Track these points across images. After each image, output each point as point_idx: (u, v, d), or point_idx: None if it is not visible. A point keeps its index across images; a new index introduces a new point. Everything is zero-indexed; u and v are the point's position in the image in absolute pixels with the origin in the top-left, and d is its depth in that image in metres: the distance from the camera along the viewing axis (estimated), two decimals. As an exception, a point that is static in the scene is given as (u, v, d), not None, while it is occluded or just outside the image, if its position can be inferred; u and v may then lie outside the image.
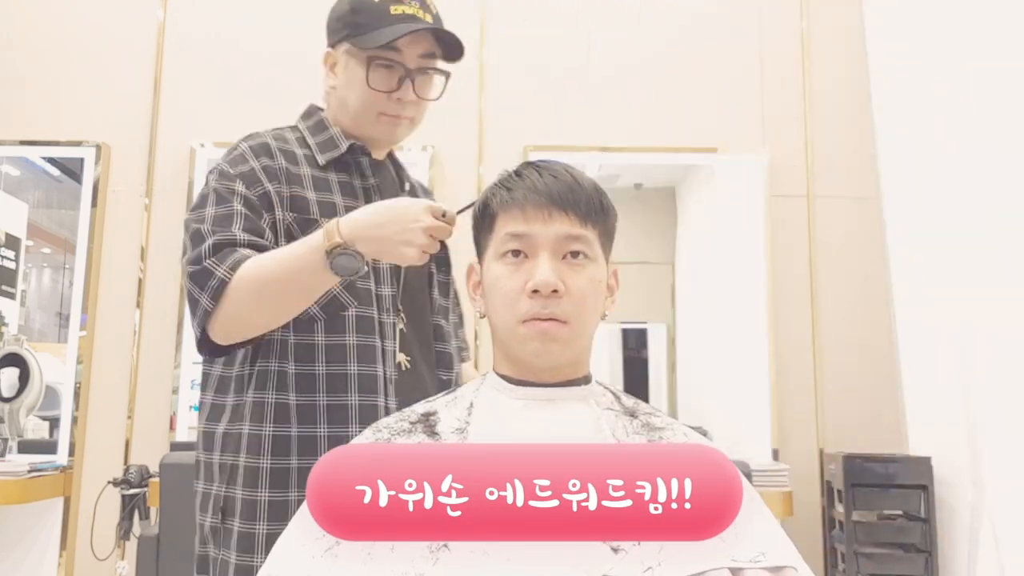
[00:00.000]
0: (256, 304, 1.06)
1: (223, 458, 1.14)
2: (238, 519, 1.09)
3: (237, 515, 1.10)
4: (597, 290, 0.94)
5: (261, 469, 1.09)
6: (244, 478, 1.10)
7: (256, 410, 1.12)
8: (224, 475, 1.13)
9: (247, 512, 1.09)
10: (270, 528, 1.07)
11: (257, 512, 1.08)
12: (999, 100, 2.25)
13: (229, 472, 1.12)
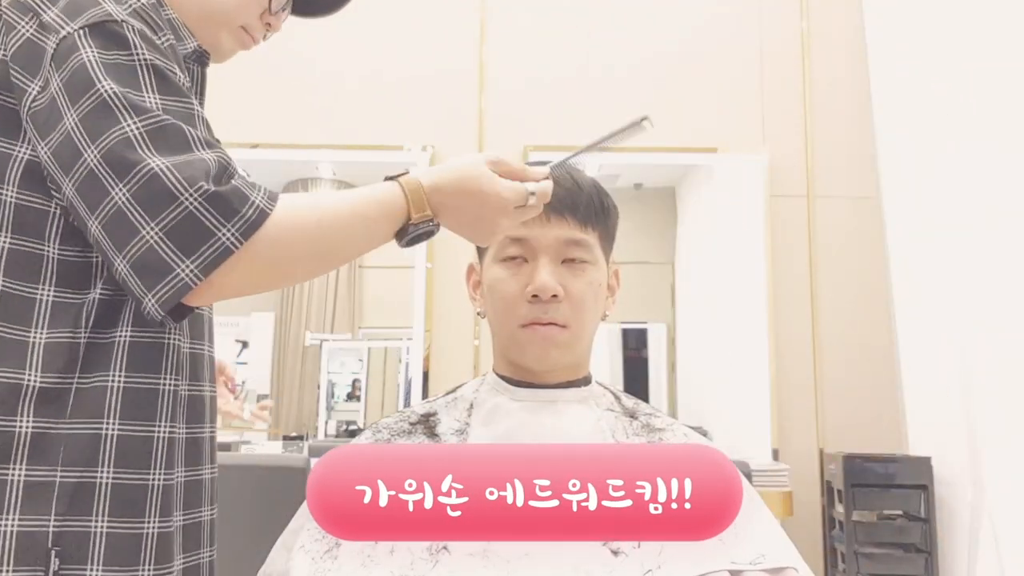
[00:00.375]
0: (303, 252, 0.78)
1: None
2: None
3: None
4: (597, 293, 0.94)
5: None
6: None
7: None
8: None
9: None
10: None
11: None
12: (999, 100, 2.24)
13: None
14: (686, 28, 2.91)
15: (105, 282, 0.77)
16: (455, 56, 2.85)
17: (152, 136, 0.73)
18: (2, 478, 0.72)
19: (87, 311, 0.76)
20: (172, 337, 0.80)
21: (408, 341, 2.79)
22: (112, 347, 0.77)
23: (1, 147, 0.77)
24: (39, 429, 0.74)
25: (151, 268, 0.71)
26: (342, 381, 3.06)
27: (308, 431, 2.95)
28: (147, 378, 0.78)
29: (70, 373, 0.75)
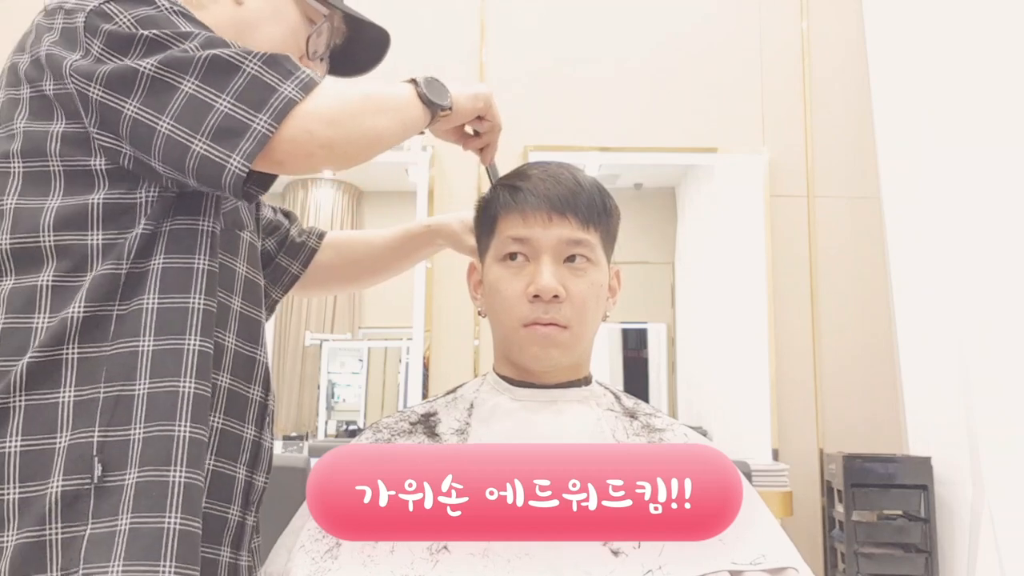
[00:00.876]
0: (360, 103, 0.86)
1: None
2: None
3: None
4: (598, 293, 0.94)
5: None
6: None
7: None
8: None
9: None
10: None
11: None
12: (999, 100, 2.24)
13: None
14: (686, 28, 2.91)
15: (148, 218, 0.84)
16: (455, 56, 2.85)
17: (203, 43, 0.81)
18: (53, 400, 0.79)
19: (129, 246, 0.82)
20: (201, 261, 0.85)
21: (408, 341, 2.79)
22: (147, 275, 0.83)
23: (39, 127, 0.84)
24: (84, 355, 0.80)
25: (231, 131, 0.78)
26: (342, 381, 3.07)
27: (308, 431, 2.95)
28: (178, 298, 0.83)
29: (111, 301, 0.82)
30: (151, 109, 0.79)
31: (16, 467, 0.77)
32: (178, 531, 0.77)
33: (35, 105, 0.85)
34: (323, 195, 3.13)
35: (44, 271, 0.82)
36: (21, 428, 0.78)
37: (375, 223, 3.12)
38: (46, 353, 0.79)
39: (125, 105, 0.80)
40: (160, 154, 0.80)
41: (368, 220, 3.13)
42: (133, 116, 0.80)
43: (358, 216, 3.12)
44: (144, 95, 0.79)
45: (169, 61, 0.79)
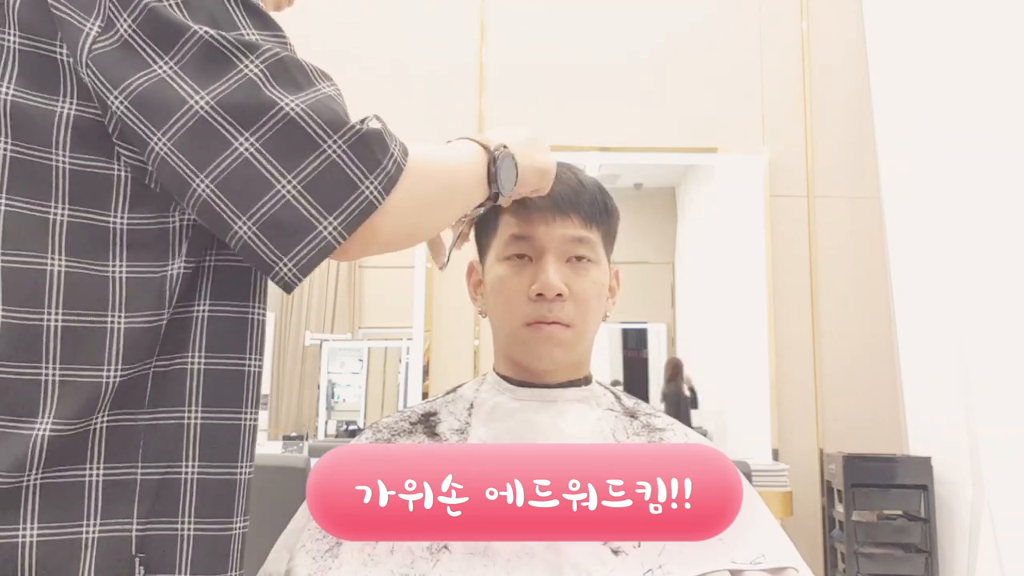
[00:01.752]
0: (434, 196, 0.72)
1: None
2: None
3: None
4: (600, 293, 0.94)
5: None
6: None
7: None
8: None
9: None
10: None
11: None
12: (999, 100, 2.24)
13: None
14: (686, 28, 2.91)
15: (188, 253, 0.65)
16: (455, 56, 2.85)
17: (275, 72, 0.63)
18: (79, 480, 0.62)
19: (170, 286, 0.65)
20: (255, 311, 0.70)
21: (408, 341, 2.79)
22: (190, 323, 0.66)
23: (41, 104, 0.63)
24: (114, 423, 0.64)
25: (288, 227, 0.61)
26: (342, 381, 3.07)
27: (308, 431, 2.95)
28: (230, 358, 0.68)
29: (148, 358, 0.64)
30: (187, 158, 0.61)
31: (33, 563, 0.60)
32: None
33: (32, 64, 0.63)
34: (323, 195, 3.13)
35: (52, 308, 0.61)
36: (38, 514, 0.60)
37: (375, 223, 3.12)
38: (71, 425, 0.61)
39: (153, 138, 0.61)
40: (196, 212, 0.63)
41: (368, 220, 3.13)
42: (162, 156, 0.61)
43: (358, 216, 3.12)
44: (182, 137, 0.61)
45: (226, 103, 0.61)
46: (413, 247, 0.81)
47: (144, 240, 0.64)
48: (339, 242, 0.63)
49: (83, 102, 0.63)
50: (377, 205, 0.64)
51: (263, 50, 0.63)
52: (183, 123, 0.61)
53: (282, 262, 0.62)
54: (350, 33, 2.79)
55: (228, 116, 0.61)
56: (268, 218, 0.61)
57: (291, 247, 0.61)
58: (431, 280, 2.75)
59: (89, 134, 0.63)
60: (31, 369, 0.60)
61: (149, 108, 0.61)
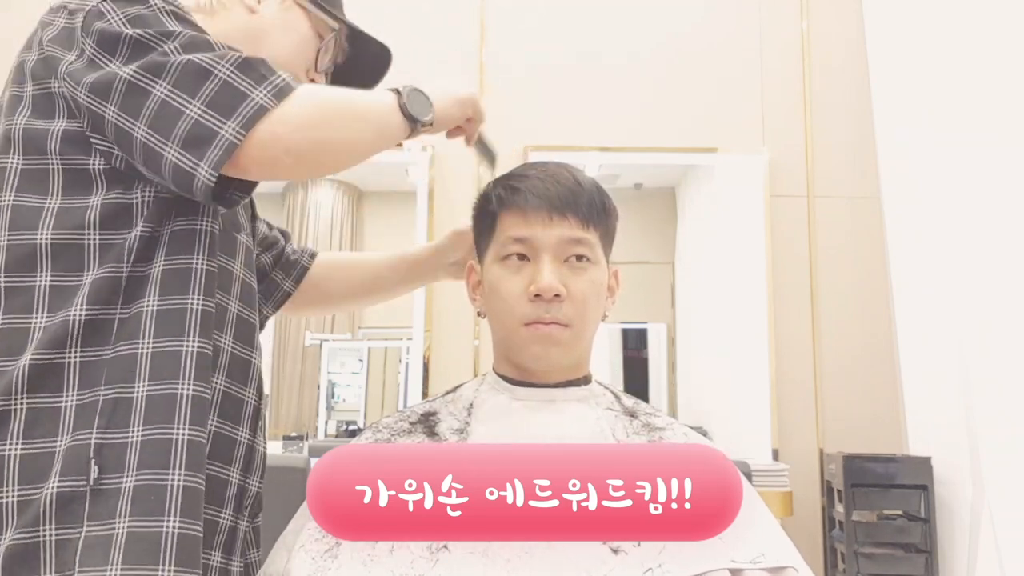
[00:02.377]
0: (327, 114, 0.85)
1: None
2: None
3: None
4: (599, 293, 0.94)
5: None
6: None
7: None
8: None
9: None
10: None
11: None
12: (999, 100, 2.24)
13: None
14: (686, 28, 2.91)
15: (146, 220, 0.83)
16: (455, 57, 2.85)
17: (184, 45, 0.81)
18: (56, 404, 0.79)
19: (128, 248, 0.82)
20: (199, 262, 0.84)
21: (408, 341, 2.79)
22: (148, 278, 0.82)
23: (40, 124, 0.84)
24: (86, 358, 0.80)
25: (199, 138, 0.78)
26: (342, 381, 3.07)
27: (308, 431, 2.95)
28: (177, 299, 0.83)
29: (112, 305, 0.81)
30: (127, 114, 0.80)
31: (16, 470, 0.77)
32: (177, 535, 0.76)
33: (39, 102, 0.84)
34: (323, 195, 3.13)
35: (42, 272, 0.81)
36: (22, 432, 0.78)
37: (375, 223, 3.12)
38: (48, 356, 0.79)
39: (106, 110, 0.80)
40: (140, 159, 0.81)
41: (368, 220, 3.13)
42: (113, 122, 0.80)
43: (358, 216, 3.12)
44: (121, 100, 0.80)
45: (145, 66, 0.80)
46: (335, 170, 0.91)
47: (114, 213, 0.83)
48: (239, 140, 0.78)
49: (70, 120, 0.84)
50: (268, 108, 0.79)
51: (177, 33, 0.82)
52: (119, 91, 0.80)
53: (200, 168, 0.78)
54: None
55: (147, 73, 0.80)
56: (185, 137, 0.78)
57: (204, 153, 0.78)
58: (431, 280, 2.75)
59: (74, 138, 0.83)
60: (24, 318, 0.80)
61: (99, 90, 0.81)
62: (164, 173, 0.79)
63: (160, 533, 0.75)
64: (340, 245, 3.09)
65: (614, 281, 0.99)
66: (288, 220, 3.05)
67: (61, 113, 0.84)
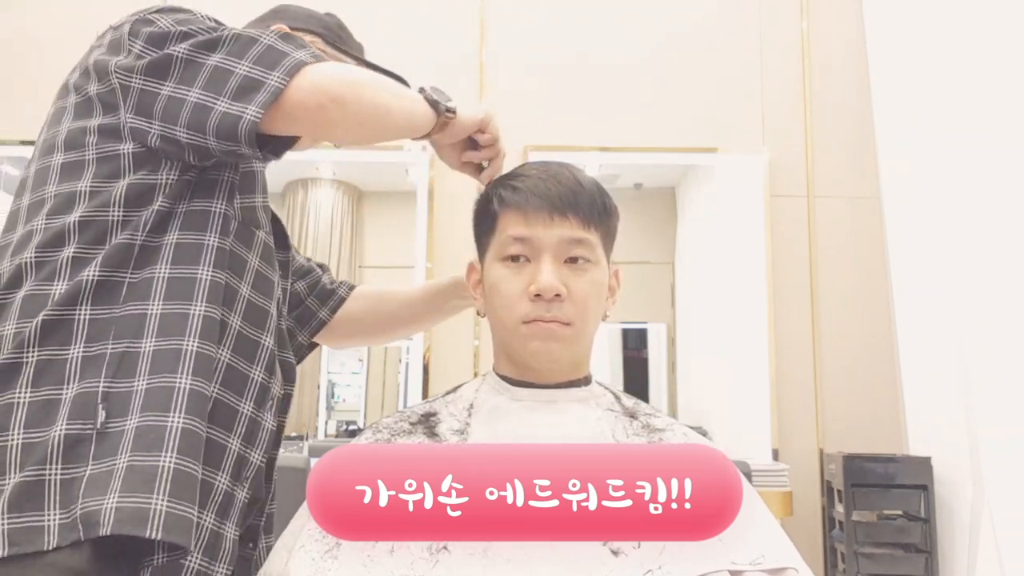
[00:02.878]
0: (358, 80, 0.93)
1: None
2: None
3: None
4: (599, 293, 0.94)
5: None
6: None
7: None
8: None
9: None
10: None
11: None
12: (999, 100, 2.24)
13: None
14: (686, 28, 2.91)
15: (166, 197, 0.90)
16: (455, 57, 2.85)
17: (230, 31, 0.91)
18: (63, 356, 0.84)
19: (144, 220, 0.89)
20: (209, 239, 0.91)
21: (408, 341, 2.78)
22: (160, 249, 0.89)
23: (79, 124, 0.93)
24: (95, 315, 0.86)
25: (248, 88, 0.86)
26: (342, 381, 3.06)
27: (308, 431, 2.95)
28: (188, 269, 0.89)
29: (124, 269, 0.88)
30: (183, 85, 0.88)
31: (23, 416, 0.81)
32: (173, 468, 0.79)
33: (79, 108, 0.93)
34: (323, 195, 3.13)
35: (69, 245, 0.87)
36: (31, 381, 0.82)
37: (375, 223, 3.12)
38: (59, 312, 0.84)
39: (163, 87, 0.88)
40: (186, 120, 0.87)
41: (368, 220, 3.13)
42: (168, 95, 0.88)
43: (358, 216, 3.12)
44: (179, 75, 0.88)
45: (199, 43, 0.89)
46: (372, 134, 0.97)
47: (138, 192, 0.90)
48: (283, 84, 0.86)
49: (107, 115, 0.92)
50: (307, 62, 0.88)
51: (224, 27, 0.92)
52: (177, 68, 0.89)
53: (247, 109, 0.85)
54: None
55: (202, 49, 0.89)
56: (235, 90, 0.87)
57: (252, 98, 0.86)
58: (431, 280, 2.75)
59: (107, 131, 0.91)
60: (47, 284, 0.86)
61: (156, 71, 0.89)
62: (209, 126, 0.86)
63: (157, 467, 0.79)
64: (340, 245, 3.08)
65: (615, 281, 0.99)
66: (288, 220, 3.05)
67: (97, 111, 0.92)
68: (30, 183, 0.94)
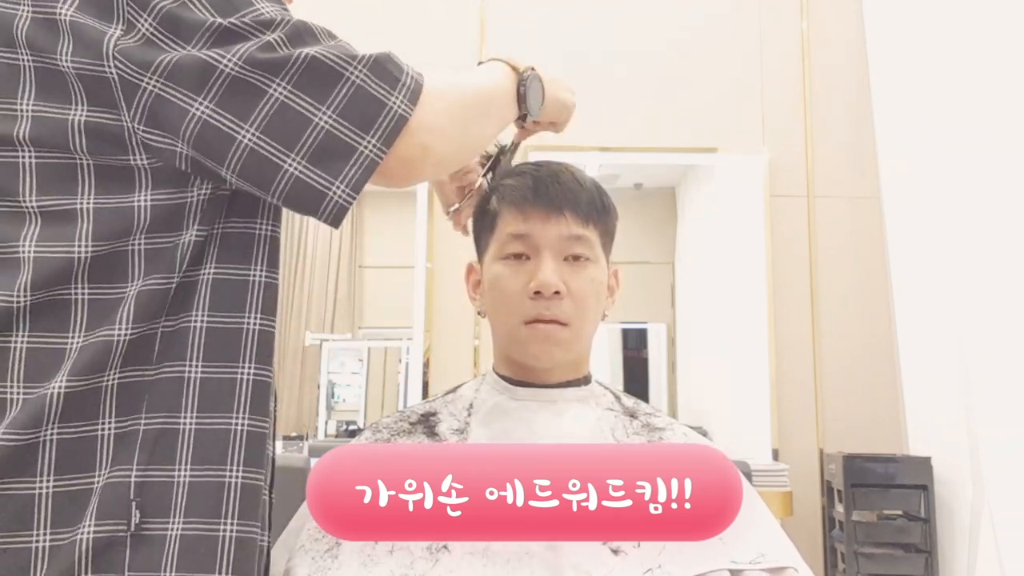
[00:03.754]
0: (461, 115, 0.78)
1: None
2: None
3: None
4: (598, 291, 0.94)
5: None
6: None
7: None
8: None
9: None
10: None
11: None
12: (999, 100, 2.24)
13: None
14: (686, 28, 2.91)
15: (200, 222, 0.71)
16: (455, 57, 2.85)
17: (291, 36, 0.69)
18: (92, 434, 0.67)
19: (181, 255, 0.70)
20: (256, 273, 0.73)
21: (408, 341, 2.79)
22: (196, 286, 0.70)
23: (53, 112, 0.68)
24: (124, 379, 0.68)
25: (332, 152, 0.68)
26: (342, 381, 3.07)
27: (308, 431, 2.95)
28: (230, 316, 0.71)
29: (157, 319, 0.69)
30: (230, 114, 0.67)
31: (48, 511, 0.65)
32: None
33: (43, 79, 0.69)
34: (323, 195, 3.13)
35: (77, 283, 0.68)
36: (54, 467, 0.65)
37: (375, 223, 3.12)
38: (84, 380, 0.66)
39: (194, 104, 0.67)
40: (237, 167, 0.68)
41: (368, 220, 3.13)
42: (205, 118, 0.67)
43: (358, 216, 3.12)
44: (220, 96, 0.67)
45: (256, 62, 0.67)
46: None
47: (163, 215, 0.69)
48: (380, 157, 0.69)
49: (92, 108, 0.69)
50: (408, 117, 0.70)
51: (279, 22, 0.69)
52: (219, 84, 0.67)
53: (334, 186, 0.68)
54: (349, 32, 2.78)
55: (258, 70, 0.67)
56: (314, 150, 0.67)
57: (340, 170, 0.68)
58: (431, 280, 2.75)
59: (102, 135, 0.69)
60: (59, 336, 0.67)
61: (185, 79, 0.67)
62: (275, 188, 0.68)
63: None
64: (340, 245, 3.09)
65: (614, 281, 0.99)
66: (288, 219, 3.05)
67: (78, 98, 0.69)
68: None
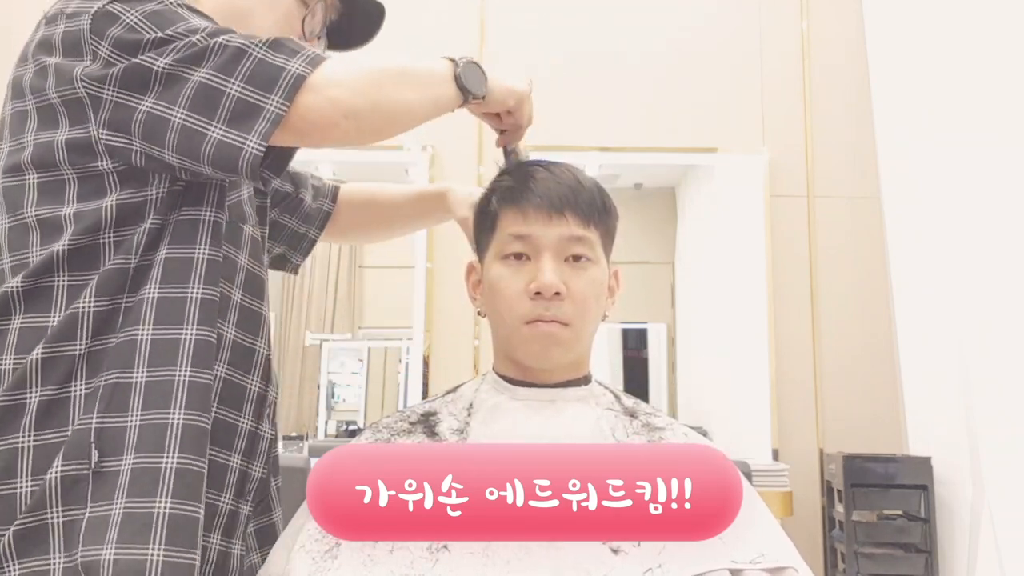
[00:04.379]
0: (370, 75, 0.85)
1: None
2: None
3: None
4: (599, 292, 0.94)
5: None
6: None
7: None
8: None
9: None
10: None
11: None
12: (999, 99, 2.24)
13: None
14: (686, 28, 2.91)
15: (157, 212, 0.85)
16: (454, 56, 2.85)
17: (210, 34, 0.82)
18: (67, 395, 0.81)
19: (137, 241, 0.84)
20: (200, 251, 0.86)
21: (408, 341, 2.78)
22: (152, 266, 0.84)
23: (46, 136, 0.84)
24: (94, 347, 0.82)
25: (243, 114, 0.80)
26: (342, 381, 3.07)
27: (308, 431, 2.95)
28: (178, 287, 0.84)
29: (120, 295, 0.84)
30: (164, 102, 0.80)
31: (29, 462, 0.79)
32: (168, 515, 0.78)
33: (42, 114, 0.85)
34: (323, 195, 3.13)
35: (61, 273, 0.83)
36: (34, 424, 0.80)
37: (375, 223, 3.12)
38: (57, 347, 0.81)
39: (140, 102, 0.81)
40: (174, 144, 0.81)
41: (368, 220, 3.13)
42: (147, 111, 0.81)
43: (358, 216, 3.12)
44: (159, 91, 0.81)
45: (181, 57, 0.81)
46: (391, 135, 0.90)
47: (127, 212, 0.84)
48: (283, 110, 0.80)
49: (72, 128, 0.84)
50: (306, 75, 0.81)
51: (202, 28, 0.82)
52: (157, 82, 0.81)
53: (248, 141, 0.79)
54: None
55: (183, 63, 0.81)
56: (230, 114, 0.80)
57: (252, 127, 0.80)
58: (431, 280, 2.75)
59: (79, 147, 0.84)
60: (44, 316, 0.82)
61: (132, 83, 0.81)
62: (203, 154, 0.80)
63: (152, 514, 0.77)
64: (340, 245, 3.08)
65: (614, 281, 0.99)
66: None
67: (63, 121, 0.84)
68: (1, 201, 0.87)
